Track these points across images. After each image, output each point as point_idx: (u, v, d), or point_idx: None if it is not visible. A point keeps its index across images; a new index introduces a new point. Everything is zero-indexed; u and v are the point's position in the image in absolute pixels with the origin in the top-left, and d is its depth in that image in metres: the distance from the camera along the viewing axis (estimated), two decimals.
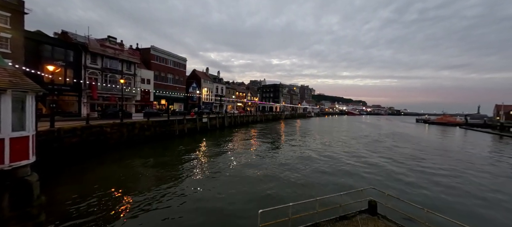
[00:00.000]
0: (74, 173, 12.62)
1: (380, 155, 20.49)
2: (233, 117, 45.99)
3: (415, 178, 13.72)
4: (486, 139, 37.93)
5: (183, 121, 28.98)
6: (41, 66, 23.21)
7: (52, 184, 10.37)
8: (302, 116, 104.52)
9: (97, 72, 29.72)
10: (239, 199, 9.82)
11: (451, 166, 17.35)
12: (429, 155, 21.44)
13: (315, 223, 6.26)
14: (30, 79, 6.74)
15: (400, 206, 6.98)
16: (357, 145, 26.16)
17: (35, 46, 23.54)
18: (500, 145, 30.85)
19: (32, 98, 6.31)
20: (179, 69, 46.86)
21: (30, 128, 6.21)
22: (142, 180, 12.09)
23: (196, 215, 8.38)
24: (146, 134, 22.69)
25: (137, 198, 9.55)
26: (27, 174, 6.12)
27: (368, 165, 16.58)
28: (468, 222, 6.32)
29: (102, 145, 17.58)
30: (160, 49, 42.22)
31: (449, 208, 9.66)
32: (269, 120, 67.70)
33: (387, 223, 6.46)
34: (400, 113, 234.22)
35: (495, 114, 68.87)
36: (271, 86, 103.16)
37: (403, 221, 6.50)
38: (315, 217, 6.35)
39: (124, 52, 33.45)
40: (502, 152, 24.91)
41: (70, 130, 15.23)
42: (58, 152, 13.84)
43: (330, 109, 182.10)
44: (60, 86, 25.69)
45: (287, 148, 22.83)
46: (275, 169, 14.61)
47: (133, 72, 34.86)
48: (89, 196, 9.48)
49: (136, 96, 35.27)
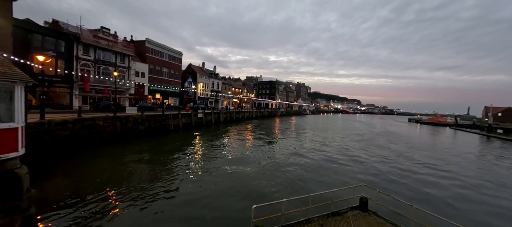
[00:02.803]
0: (65, 166, 12.39)
1: (371, 153, 20.89)
2: (229, 113, 45.84)
3: (404, 176, 14.10)
4: (474, 140, 39.13)
5: (178, 116, 28.72)
6: (31, 56, 22.47)
7: (42, 177, 10.17)
8: (297, 114, 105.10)
9: (90, 63, 28.99)
10: (233, 195, 9.88)
11: (439, 164, 17.88)
12: (418, 154, 21.99)
13: (307, 219, 6.38)
14: (19, 69, 6.53)
15: (390, 202, 7.18)
16: (350, 143, 26.57)
17: (24, 35, 22.73)
18: (486, 146, 31.90)
19: (21, 89, 6.12)
20: (175, 63, 46.19)
21: (19, 120, 6.04)
22: (135, 174, 11.98)
23: (190, 210, 8.40)
24: (140, 128, 22.41)
25: (129, 193, 9.48)
26: (16, 166, 5.98)
27: (360, 163, 16.89)
28: (452, 217, 6.62)
29: (94, 139, 17.29)
30: (156, 42, 41.44)
31: (435, 204, 10.08)
32: (265, 116, 67.81)
33: (377, 219, 6.64)
34: (393, 112, 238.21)
35: (484, 115, 71.02)
36: (267, 83, 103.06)
37: (392, 217, 6.70)
38: (308, 213, 6.46)
39: (118, 44, 32.67)
40: (488, 153, 25.78)
41: (61, 122, 14.88)
42: (48, 145, 13.54)
43: (325, 107, 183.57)
44: (50, 77, 24.95)
45: (281, 145, 22.99)
46: (269, 165, 14.72)
47: (127, 64, 34.16)
48: (80, 190, 9.36)
49: (130, 89, 34.65)
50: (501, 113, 63.04)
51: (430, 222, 5.90)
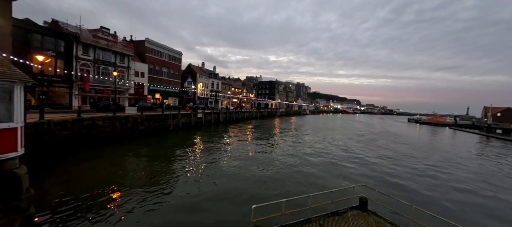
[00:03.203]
0: (64, 166, 12.36)
1: (371, 154, 20.91)
2: (228, 113, 45.82)
3: (403, 176, 14.11)
4: (474, 140, 39.19)
5: (178, 116, 28.70)
6: (30, 56, 22.43)
7: (41, 177, 10.16)
8: (297, 114, 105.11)
9: (89, 63, 28.95)
10: (232, 195, 9.88)
11: (438, 164, 17.91)
12: (417, 154, 22.02)
13: (307, 219, 6.38)
14: (18, 69, 6.52)
15: (390, 202, 7.19)
16: (350, 143, 26.58)
17: (24, 35, 22.68)
18: (486, 146, 31.95)
19: (20, 89, 6.12)
20: (175, 63, 46.16)
21: (18, 120, 6.03)
22: (134, 174, 11.97)
23: (189, 210, 8.40)
24: (139, 128, 22.38)
25: (129, 193, 9.47)
26: (15, 166, 5.97)
27: (359, 163, 16.90)
28: (451, 217, 6.62)
29: (94, 139, 17.26)
30: (155, 42, 41.41)
31: (434, 204, 10.09)
32: (264, 116, 67.81)
33: (377, 219, 6.65)
34: (392, 112, 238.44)
35: (483, 115, 71.16)
36: (267, 83, 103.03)
37: (392, 217, 6.71)
38: (308, 212, 6.46)
39: (117, 43, 32.63)
40: (487, 153, 25.82)
41: (61, 122, 14.86)
42: (48, 145, 13.52)
43: (325, 107, 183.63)
44: (50, 77, 24.91)
45: (281, 145, 22.99)
46: (269, 166, 14.72)
47: (127, 64, 34.13)
48: (80, 190, 9.34)
49: (130, 89, 34.61)
50: (500, 113, 63.17)
51: (429, 222, 5.92)
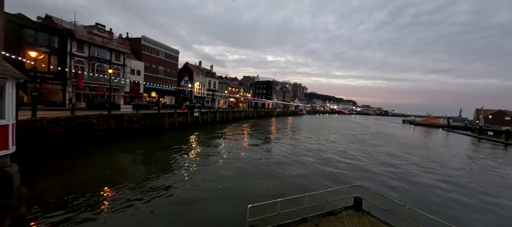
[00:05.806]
0: (57, 165, 12.16)
1: (366, 154, 21.13)
2: (225, 112, 45.73)
3: (397, 176, 14.31)
4: (466, 141, 39.99)
5: (174, 114, 28.49)
6: (23, 51, 21.95)
7: (33, 175, 9.97)
8: (293, 114, 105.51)
9: (84, 60, 28.48)
10: (228, 194, 9.86)
11: (431, 165, 18.23)
12: (411, 155, 22.36)
13: (302, 218, 6.42)
14: (10, 65, 6.38)
15: (384, 202, 7.28)
16: (345, 143, 26.82)
17: (16, 30, 22.15)
18: (477, 147, 32.64)
19: (12, 85, 5.99)
20: (171, 61, 45.79)
21: (9, 117, 5.91)
22: (129, 173, 11.84)
23: (184, 209, 8.35)
24: (134, 126, 22.15)
25: (123, 192, 9.37)
26: (6, 164, 5.85)
27: (354, 163, 17.07)
28: (444, 217, 6.75)
29: (87, 137, 17.00)
30: (152, 39, 41.00)
31: (428, 203, 10.26)
32: (261, 116, 67.87)
33: (371, 219, 6.72)
34: (388, 113, 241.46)
35: (475, 117, 72.58)
36: (264, 83, 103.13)
37: (386, 217, 6.79)
38: (303, 212, 6.50)
39: (113, 41, 32.18)
40: (478, 154, 26.38)
41: (54, 120, 14.59)
42: (40, 143, 13.26)
43: (322, 107, 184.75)
44: (43, 73, 24.40)
45: (277, 145, 23.05)
46: (265, 165, 14.75)
47: (123, 62, 33.70)
48: (72, 189, 9.20)
49: (125, 87, 34.19)
50: (491, 116, 64.60)
51: (423, 221, 6.00)
